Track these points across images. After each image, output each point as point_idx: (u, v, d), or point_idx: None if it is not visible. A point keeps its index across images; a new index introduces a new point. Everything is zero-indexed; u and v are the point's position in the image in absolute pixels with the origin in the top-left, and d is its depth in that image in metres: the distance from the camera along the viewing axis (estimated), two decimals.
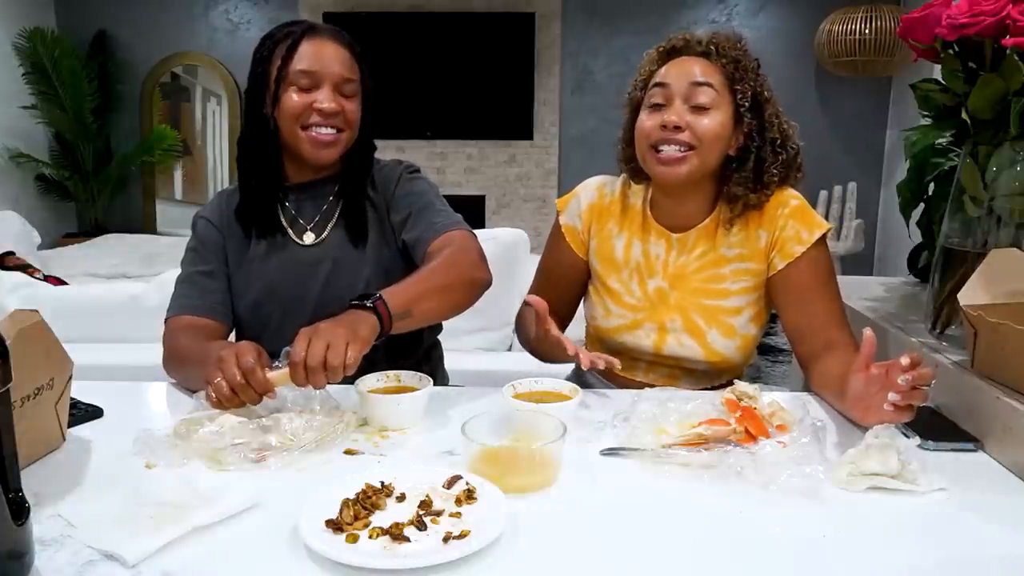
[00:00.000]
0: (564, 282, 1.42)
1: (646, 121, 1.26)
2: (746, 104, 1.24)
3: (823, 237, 1.27)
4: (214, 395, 1.02)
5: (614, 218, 1.38)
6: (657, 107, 1.25)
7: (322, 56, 1.26)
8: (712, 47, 1.25)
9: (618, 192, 1.40)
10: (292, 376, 1.00)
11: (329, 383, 1.01)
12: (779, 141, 1.27)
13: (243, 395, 1.02)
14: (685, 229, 1.33)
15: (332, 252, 1.34)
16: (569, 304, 1.45)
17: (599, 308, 1.37)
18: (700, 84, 1.22)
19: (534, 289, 1.45)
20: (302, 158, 1.31)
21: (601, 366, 1.17)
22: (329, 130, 1.27)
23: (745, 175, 1.27)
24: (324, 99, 1.25)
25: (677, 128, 1.22)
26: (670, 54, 1.29)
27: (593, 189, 1.41)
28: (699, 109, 1.22)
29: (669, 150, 1.23)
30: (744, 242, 1.30)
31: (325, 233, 1.36)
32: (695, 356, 1.30)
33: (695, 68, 1.24)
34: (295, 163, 1.34)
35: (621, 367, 1.29)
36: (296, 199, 1.37)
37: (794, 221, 1.27)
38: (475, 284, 1.24)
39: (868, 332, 0.99)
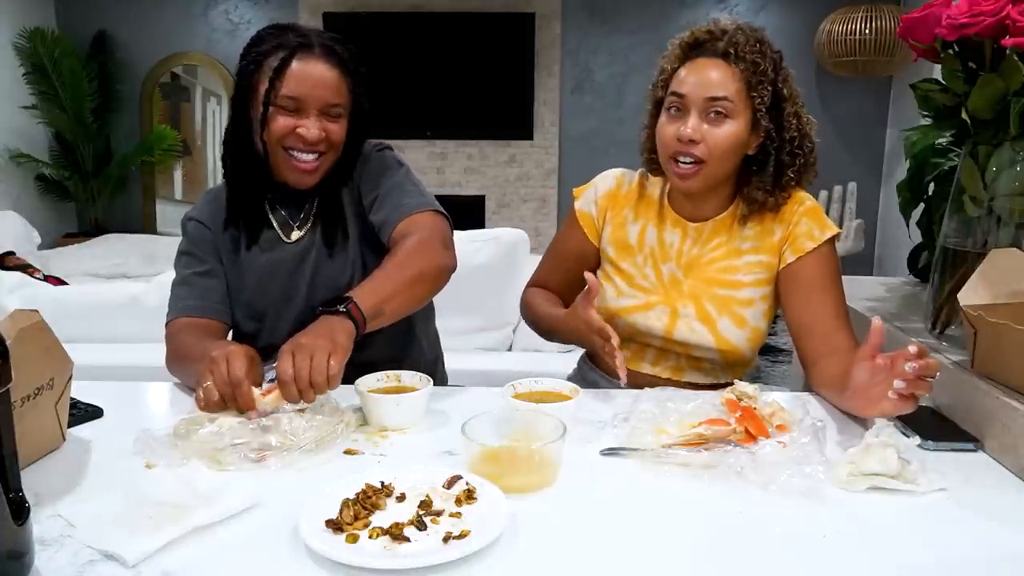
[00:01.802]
0: (572, 267, 1.44)
1: (666, 129, 1.27)
2: (763, 108, 1.24)
3: (832, 241, 1.29)
4: (203, 398, 1.03)
5: (630, 205, 1.41)
6: (676, 114, 1.27)
7: (309, 80, 1.23)
8: (732, 49, 1.24)
9: (636, 182, 1.42)
10: (285, 394, 1.01)
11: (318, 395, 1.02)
12: (797, 141, 1.27)
13: (232, 404, 1.03)
14: (702, 219, 1.35)
15: (318, 246, 1.35)
16: (573, 290, 1.45)
17: (611, 289, 1.38)
18: (716, 99, 1.23)
19: (541, 271, 1.50)
20: (283, 179, 1.31)
21: (622, 375, 1.17)
22: (310, 156, 1.26)
23: (764, 179, 1.29)
24: (309, 126, 1.24)
25: (692, 141, 1.24)
26: (692, 49, 1.29)
27: (612, 178, 1.44)
28: (714, 120, 1.24)
29: (684, 162, 1.26)
30: (759, 236, 1.32)
31: (309, 227, 1.36)
32: (705, 343, 1.31)
33: (712, 77, 1.24)
34: (274, 169, 1.33)
35: (629, 356, 1.35)
36: (282, 197, 1.37)
37: (808, 219, 1.30)
38: (442, 272, 1.24)
39: (877, 321, 0.99)
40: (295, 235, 1.36)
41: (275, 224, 1.37)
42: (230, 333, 1.39)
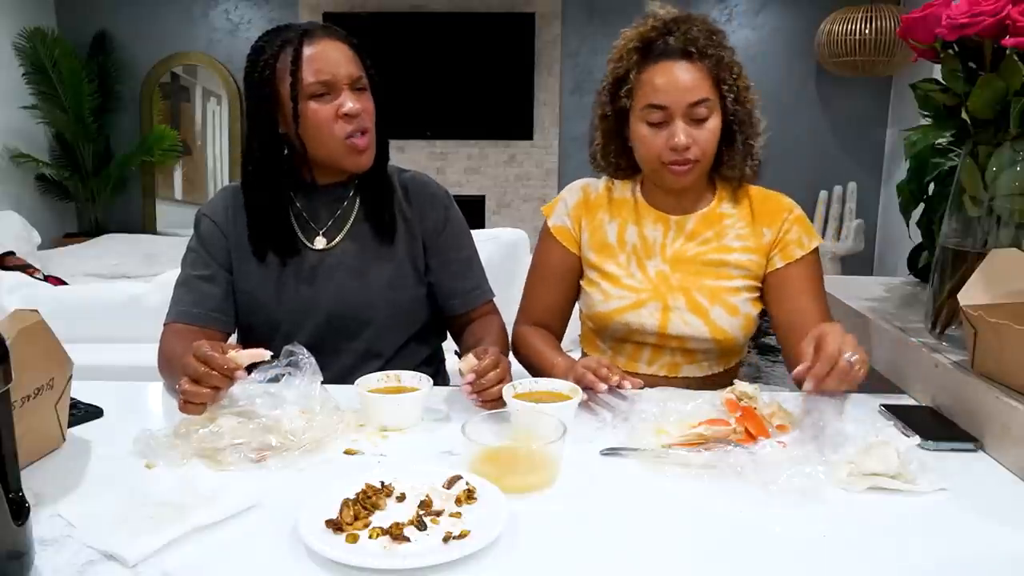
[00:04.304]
0: (559, 283, 1.44)
1: (653, 140, 1.28)
2: (732, 95, 1.28)
3: (817, 248, 1.35)
4: (180, 400, 1.00)
5: (603, 208, 1.42)
6: (659, 125, 1.27)
7: (330, 59, 1.22)
8: (692, 47, 1.25)
9: (602, 188, 1.43)
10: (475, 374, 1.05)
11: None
12: (750, 108, 1.31)
13: (208, 381, 0.98)
14: (682, 212, 1.37)
15: (345, 257, 1.33)
16: (567, 304, 1.47)
17: (597, 295, 1.38)
18: (697, 103, 1.25)
19: (530, 300, 1.46)
20: (340, 168, 1.30)
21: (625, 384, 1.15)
22: (361, 136, 1.26)
23: (736, 156, 1.33)
24: (347, 101, 1.23)
25: (686, 147, 1.26)
26: (646, 51, 1.28)
27: (578, 189, 1.44)
28: (699, 121, 1.26)
29: (681, 166, 1.27)
30: (749, 236, 1.35)
31: (339, 237, 1.34)
32: (700, 334, 1.32)
33: (686, 81, 1.24)
34: (317, 168, 1.32)
35: (624, 360, 1.38)
36: (309, 203, 1.35)
37: (797, 227, 1.34)
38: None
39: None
40: (319, 243, 1.34)
41: (297, 229, 1.34)
42: (231, 340, 1.37)
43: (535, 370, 1.36)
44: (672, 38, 1.26)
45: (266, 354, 1.02)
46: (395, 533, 0.75)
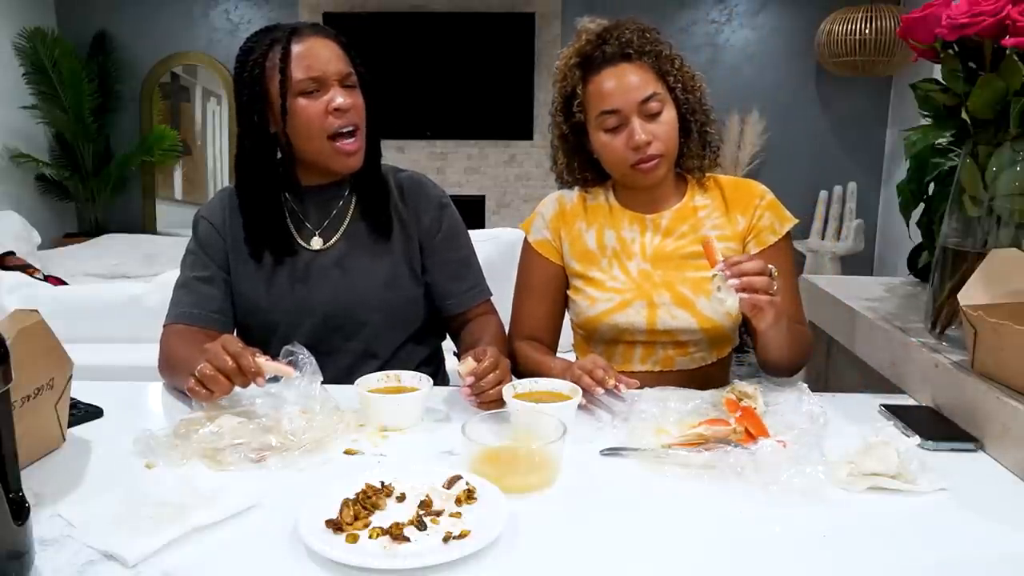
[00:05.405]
0: (548, 294, 1.44)
1: (614, 145, 1.31)
2: (679, 86, 1.31)
3: (789, 231, 1.37)
4: (193, 380, 1.02)
5: (579, 217, 1.43)
6: (617, 129, 1.30)
7: (320, 56, 1.23)
8: (629, 49, 1.28)
9: (576, 197, 1.44)
10: (467, 371, 1.07)
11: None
12: (699, 94, 1.34)
13: (230, 376, 1.02)
14: (656, 211, 1.39)
15: (341, 257, 1.33)
16: (557, 315, 1.47)
17: (584, 301, 1.38)
18: (648, 99, 1.28)
19: (522, 316, 1.45)
20: (328, 170, 1.30)
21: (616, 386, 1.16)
22: (350, 138, 1.26)
23: (695, 148, 1.35)
24: (337, 96, 1.23)
25: (647, 144, 1.29)
26: (587, 65, 1.32)
27: (553, 201, 1.46)
28: (653, 116, 1.29)
29: (647, 163, 1.30)
30: (725, 224, 1.37)
31: (335, 238, 1.34)
32: (688, 326, 1.33)
33: (632, 81, 1.28)
34: (307, 169, 1.32)
35: (618, 360, 1.37)
36: (304, 204, 1.35)
37: (770, 213, 1.36)
38: None
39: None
40: (316, 243, 1.34)
41: (292, 230, 1.34)
42: None
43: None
44: (608, 46, 1.29)
45: (292, 373, 1.04)
46: (395, 533, 0.75)
